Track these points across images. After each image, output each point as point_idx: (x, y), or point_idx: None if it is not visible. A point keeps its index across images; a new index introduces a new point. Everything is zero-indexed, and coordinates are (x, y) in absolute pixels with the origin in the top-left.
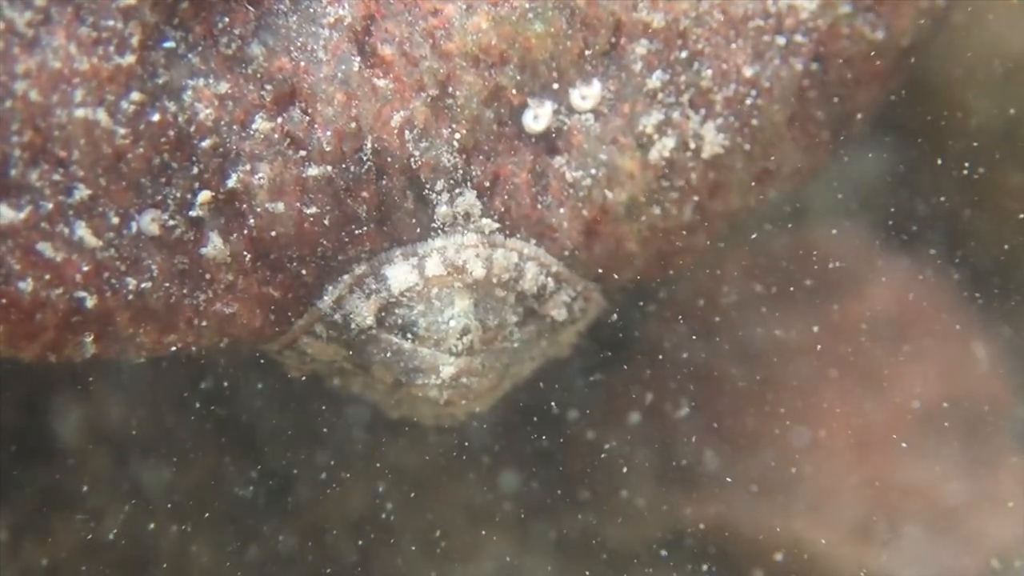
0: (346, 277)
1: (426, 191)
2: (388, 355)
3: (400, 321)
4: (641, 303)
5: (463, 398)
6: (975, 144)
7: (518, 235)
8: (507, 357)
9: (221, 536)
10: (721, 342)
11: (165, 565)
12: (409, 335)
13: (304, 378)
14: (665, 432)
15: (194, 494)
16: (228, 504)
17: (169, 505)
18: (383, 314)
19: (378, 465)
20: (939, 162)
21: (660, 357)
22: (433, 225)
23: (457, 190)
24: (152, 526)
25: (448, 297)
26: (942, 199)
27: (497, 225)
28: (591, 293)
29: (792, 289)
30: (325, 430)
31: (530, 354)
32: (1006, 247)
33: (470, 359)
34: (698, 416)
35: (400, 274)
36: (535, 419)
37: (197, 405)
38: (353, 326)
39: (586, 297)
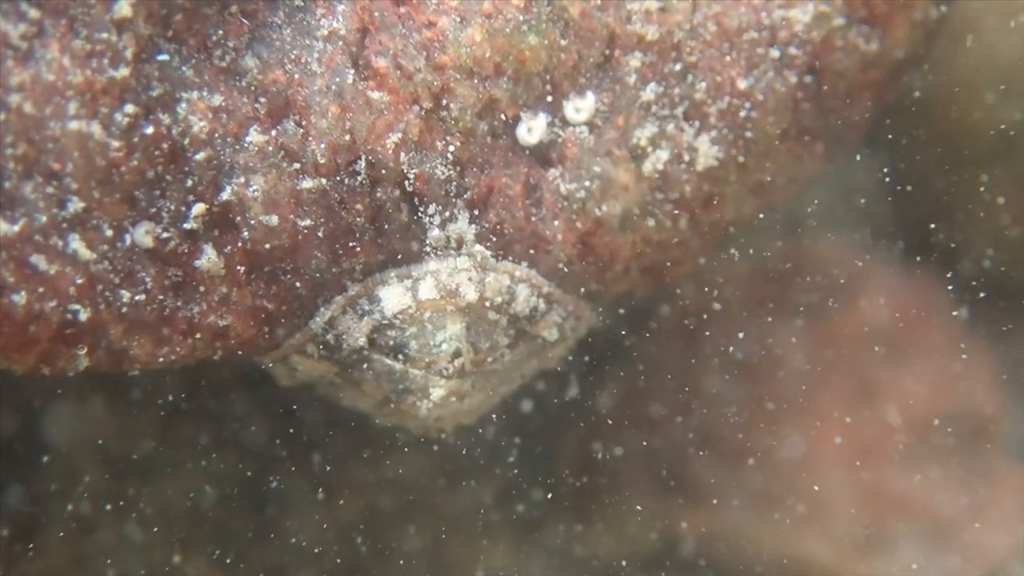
0: (339, 298)
1: (419, 214)
2: (379, 374)
3: (392, 342)
4: (635, 315)
5: (452, 416)
6: (969, 155)
7: (510, 256)
8: (497, 378)
9: (212, 547)
10: (715, 353)
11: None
12: (400, 356)
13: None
14: (659, 444)
15: (184, 504)
16: (219, 515)
17: (159, 516)
18: (375, 335)
19: (370, 475)
20: (933, 173)
21: (654, 368)
22: (426, 249)
23: (448, 213)
24: (144, 537)
25: (440, 320)
26: (936, 210)
27: (489, 252)
28: (583, 311)
29: (786, 301)
30: (315, 439)
31: (520, 372)
32: (1001, 258)
33: (460, 381)
34: (692, 428)
35: (394, 296)
36: (528, 430)
37: (189, 414)
38: (345, 347)
39: (577, 316)
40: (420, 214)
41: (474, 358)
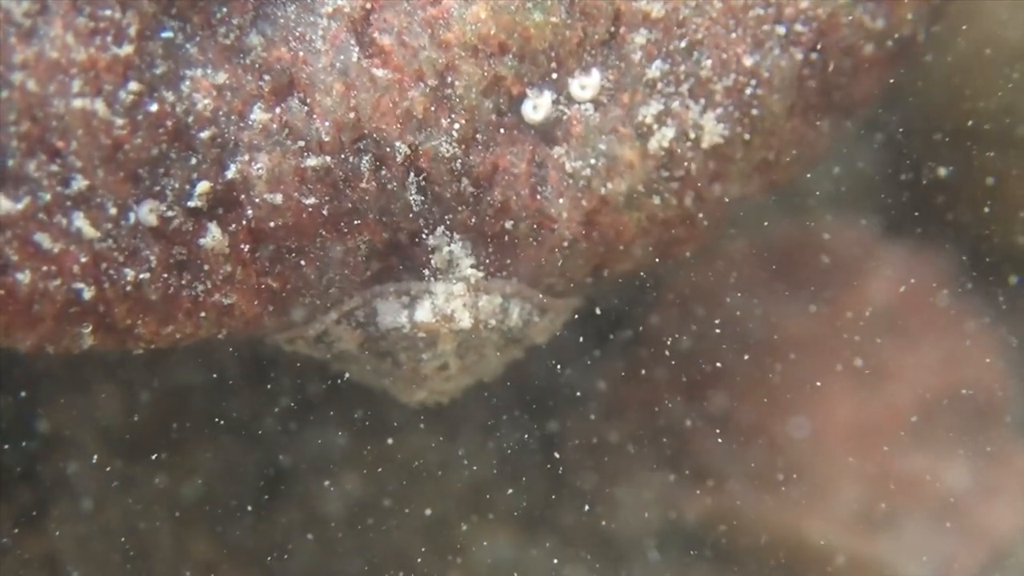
0: (333, 313)
1: (422, 235)
2: (364, 368)
3: (382, 350)
4: (640, 293)
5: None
6: (974, 133)
7: (500, 274)
8: (481, 373)
9: (217, 525)
10: (721, 333)
11: (163, 555)
12: (390, 359)
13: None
14: (664, 422)
15: (190, 482)
16: (224, 492)
17: (166, 494)
18: (366, 343)
19: (371, 453)
20: (938, 151)
21: (659, 348)
22: (425, 271)
23: (450, 236)
24: (149, 515)
25: (432, 340)
26: (941, 189)
27: (482, 274)
28: (575, 306)
29: (792, 280)
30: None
31: (504, 363)
32: (1006, 238)
33: (444, 383)
34: (698, 407)
35: (390, 313)
36: (533, 408)
37: (191, 391)
38: (335, 348)
39: (567, 312)
40: (422, 235)
41: (460, 366)
